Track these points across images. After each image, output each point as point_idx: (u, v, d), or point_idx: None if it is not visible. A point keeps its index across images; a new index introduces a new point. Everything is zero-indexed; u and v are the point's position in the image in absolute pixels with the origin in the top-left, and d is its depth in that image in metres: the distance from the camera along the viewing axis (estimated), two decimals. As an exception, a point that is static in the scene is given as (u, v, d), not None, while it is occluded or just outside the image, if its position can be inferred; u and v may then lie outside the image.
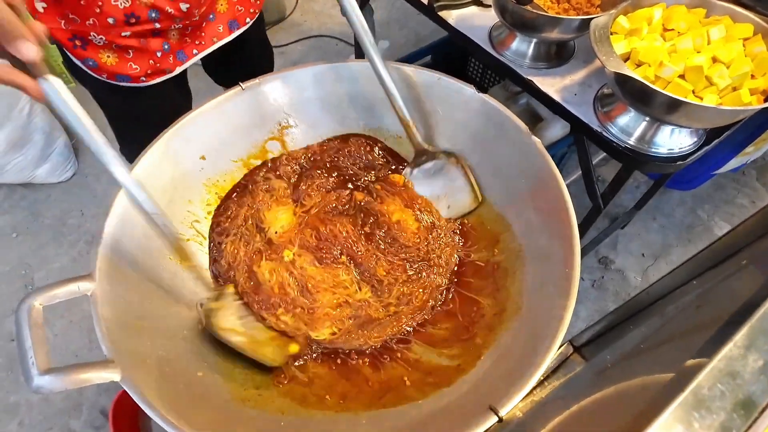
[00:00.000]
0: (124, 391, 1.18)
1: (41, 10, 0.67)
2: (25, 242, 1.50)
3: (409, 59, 1.47)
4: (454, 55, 1.51)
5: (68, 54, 0.74)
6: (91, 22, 0.67)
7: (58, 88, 0.43)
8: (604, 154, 1.30)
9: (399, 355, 0.62)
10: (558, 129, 1.22)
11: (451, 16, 0.92)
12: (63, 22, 0.68)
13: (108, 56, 0.72)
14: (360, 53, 1.47)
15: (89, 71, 0.75)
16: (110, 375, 0.48)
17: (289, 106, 0.78)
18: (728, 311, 0.34)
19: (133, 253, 0.62)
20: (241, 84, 0.73)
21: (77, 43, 0.71)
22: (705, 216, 1.58)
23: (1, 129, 1.42)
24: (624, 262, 1.48)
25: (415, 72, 0.75)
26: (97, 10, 0.66)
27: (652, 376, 0.53)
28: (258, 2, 0.86)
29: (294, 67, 0.76)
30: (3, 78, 0.42)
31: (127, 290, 0.58)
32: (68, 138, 1.66)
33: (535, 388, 0.70)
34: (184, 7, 0.71)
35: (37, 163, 1.55)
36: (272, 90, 0.76)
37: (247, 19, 0.86)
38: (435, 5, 0.90)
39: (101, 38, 0.70)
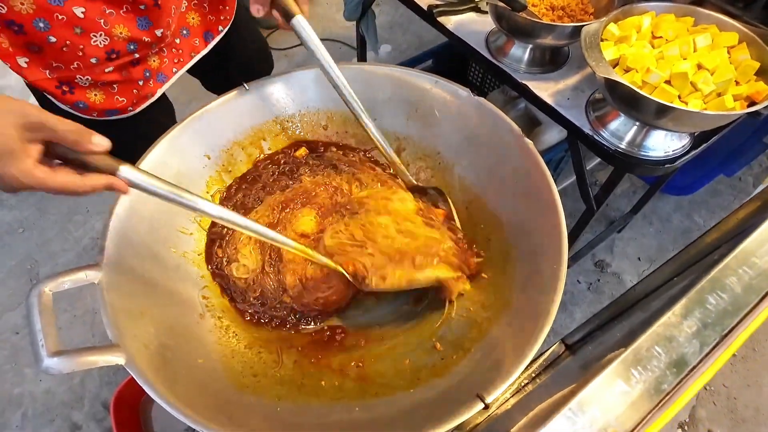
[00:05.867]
0: (125, 384, 1.20)
1: (24, 65, 0.67)
2: (31, 237, 1.53)
3: (410, 63, 1.50)
4: (456, 60, 1.54)
5: (54, 101, 0.73)
6: (76, 65, 0.68)
7: (134, 172, 0.49)
8: (600, 158, 1.32)
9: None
10: (555, 133, 1.24)
11: (450, 22, 0.94)
12: (47, 71, 0.68)
13: (95, 95, 0.73)
14: (363, 56, 1.50)
15: (78, 113, 0.75)
16: (115, 359, 0.50)
17: (291, 106, 0.81)
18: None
19: (137, 244, 0.64)
20: (245, 84, 0.76)
21: (65, 88, 0.71)
22: (701, 221, 1.59)
23: (11, 126, 1.45)
24: (620, 266, 1.50)
25: (413, 75, 0.78)
26: (80, 53, 0.67)
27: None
28: (228, 8, 0.86)
29: (296, 68, 0.79)
30: (94, 186, 0.46)
31: (132, 280, 0.60)
32: (75, 136, 1.69)
33: (527, 384, 0.72)
34: (158, 32, 0.72)
35: (45, 160, 1.58)
36: (275, 91, 0.79)
37: (220, 27, 0.86)
38: (434, 11, 0.92)
39: (87, 78, 0.70)
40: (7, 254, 1.50)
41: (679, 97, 0.65)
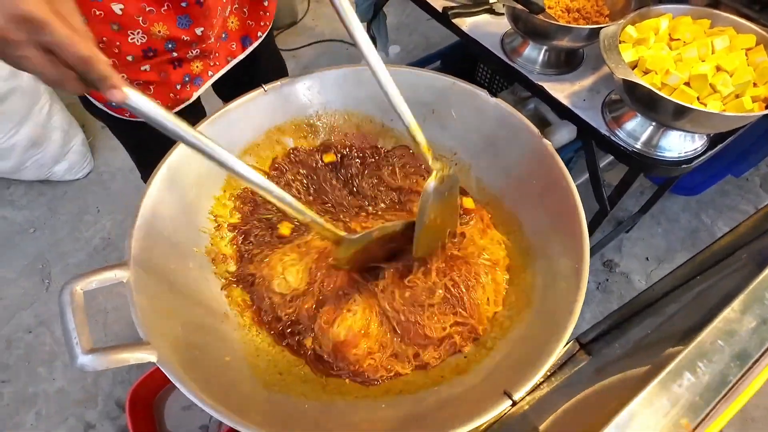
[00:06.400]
0: (140, 383, 1.21)
1: None
2: (42, 237, 1.54)
3: (419, 64, 1.50)
4: (465, 61, 1.54)
5: (88, 97, 0.74)
6: (111, 62, 0.66)
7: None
8: (609, 159, 1.33)
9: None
10: (565, 134, 1.25)
11: (465, 24, 0.95)
12: None
13: None
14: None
15: (111, 111, 0.76)
16: (147, 356, 0.50)
17: (310, 107, 0.81)
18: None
19: (162, 244, 0.65)
20: (263, 86, 0.77)
21: None
22: (709, 221, 1.60)
23: (23, 127, 1.46)
24: (628, 266, 1.51)
25: (430, 76, 0.78)
26: (116, 50, 0.66)
27: (627, 373, 0.56)
28: (268, 14, 0.85)
29: (315, 69, 0.79)
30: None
31: (158, 279, 0.61)
32: (85, 136, 1.70)
33: (542, 382, 0.73)
34: (198, 31, 0.71)
35: (55, 160, 1.59)
36: (294, 92, 0.79)
37: (259, 33, 0.85)
38: (449, 12, 0.93)
39: (122, 77, 0.69)
40: (19, 254, 1.51)
41: (698, 98, 0.65)
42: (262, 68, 0.95)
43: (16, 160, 1.51)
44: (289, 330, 0.66)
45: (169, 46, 0.70)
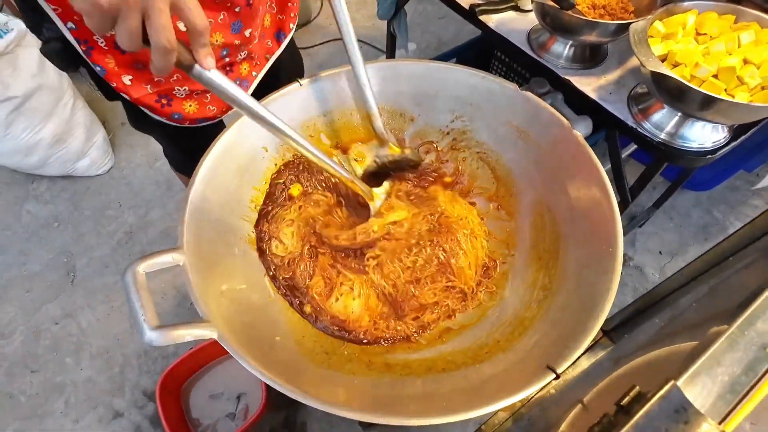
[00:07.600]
0: (168, 372, 1.23)
1: (129, 83, 0.69)
2: (66, 231, 1.57)
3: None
4: (477, 59, 1.57)
5: (151, 114, 0.77)
6: (175, 78, 0.71)
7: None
8: (624, 155, 1.36)
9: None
10: (581, 129, 1.28)
11: (491, 20, 0.98)
12: (149, 86, 0.71)
13: (190, 105, 0.77)
14: (392, 55, 1.53)
15: (171, 123, 0.79)
16: (208, 333, 0.53)
17: (344, 101, 0.84)
18: (738, 298, 0.39)
19: (209, 232, 0.67)
20: (299, 80, 0.79)
21: (164, 101, 0.74)
22: (720, 216, 1.63)
23: (48, 122, 1.49)
24: (642, 259, 1.53)
25: (459, 70, 0.81)
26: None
27: (679, 345, 0.59)
28: (294, 4, 0.86)
29: (350, 65, 0.81)
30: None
31: (208, 263, 0.64)
32: (106, 133, 1.73)
33: (568, 367, 0.76)
34: (247, 33, 0.73)
35: (78, 156, 1.62)
36: (329, 86, 0.82)
37: (291, 25, 0.87)
38: (476, 9, 0.96)
39: (184, 89, 0.74)
40: (44, 247, 1.54)
41: (726, 90, 0.68)
42: (283, 65, 0.96)
43: (41, 155, 1.54)
44: (289, 294, 0.71)
45: (224, 53, 0.73)
